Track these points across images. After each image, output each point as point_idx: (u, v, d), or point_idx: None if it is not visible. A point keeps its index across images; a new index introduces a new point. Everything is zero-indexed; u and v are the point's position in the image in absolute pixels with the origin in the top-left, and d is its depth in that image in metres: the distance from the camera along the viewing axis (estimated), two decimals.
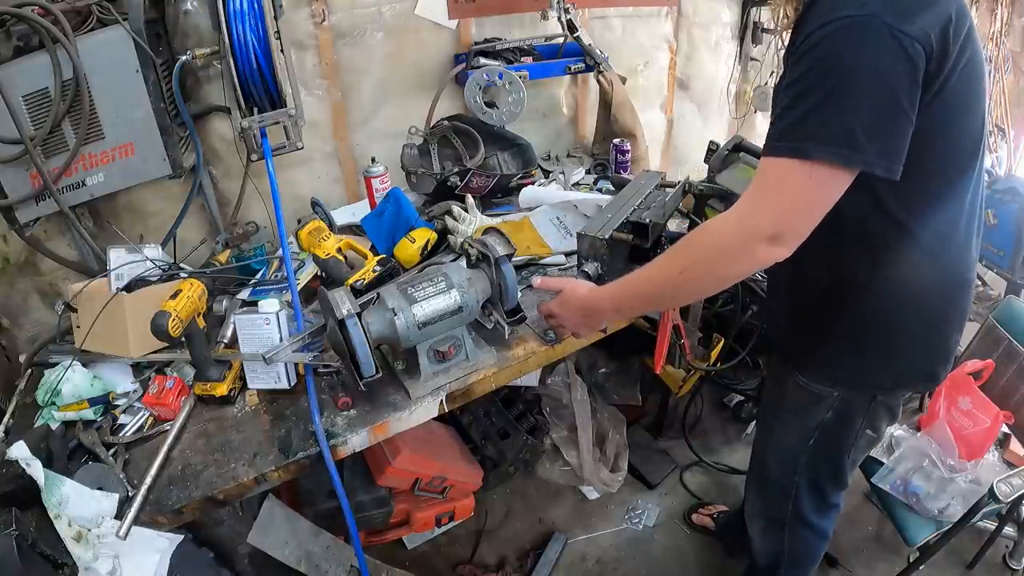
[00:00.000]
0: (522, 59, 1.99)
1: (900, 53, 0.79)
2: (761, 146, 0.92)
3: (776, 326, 1.28)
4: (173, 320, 1.11)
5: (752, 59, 2.64)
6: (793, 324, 1.20)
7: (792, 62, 0.87)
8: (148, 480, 1.07)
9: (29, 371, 1.40)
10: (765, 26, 2.57)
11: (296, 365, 1.24)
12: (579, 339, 1.20)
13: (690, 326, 2.02)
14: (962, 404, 1.60)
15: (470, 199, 1.71)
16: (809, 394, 1.18)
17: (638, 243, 1.25)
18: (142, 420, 1.21)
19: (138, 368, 1.34)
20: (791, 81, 0.86)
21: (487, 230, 1.50)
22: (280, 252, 1.45)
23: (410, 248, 1.54)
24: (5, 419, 1.28)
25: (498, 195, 1.86)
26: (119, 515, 1.02)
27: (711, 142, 1.62)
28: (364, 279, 1.43)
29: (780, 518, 1.41)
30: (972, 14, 0.93)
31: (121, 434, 1.19)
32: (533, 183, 1.90)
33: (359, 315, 1.09)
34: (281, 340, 1.20)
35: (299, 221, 1.48)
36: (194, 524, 1.17)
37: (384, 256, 1.52)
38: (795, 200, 0.86)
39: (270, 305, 1.22)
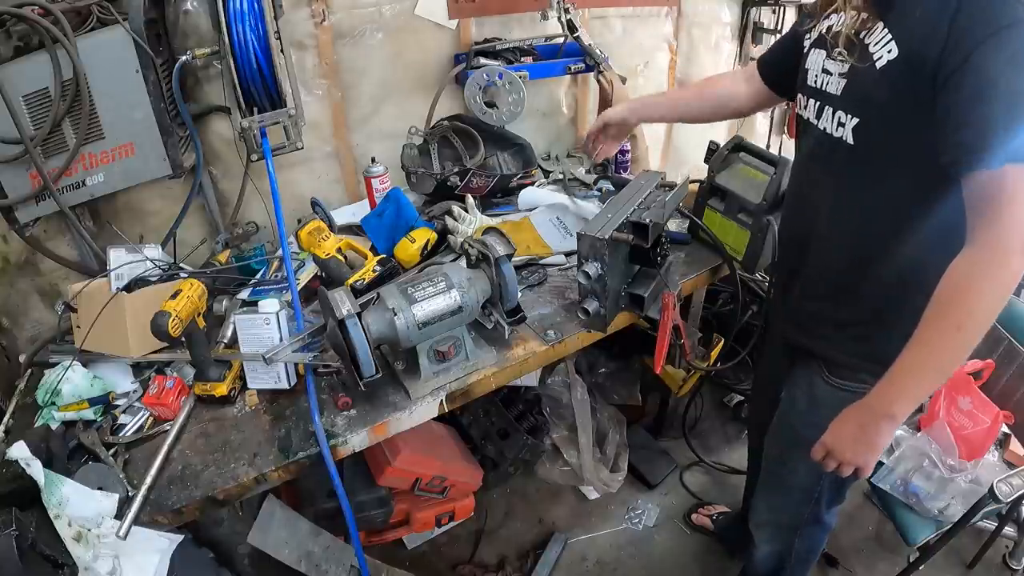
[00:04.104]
0: (522, 59, 1.99)
1: None
2: (761, 146, 0.90)
3: (811, 328, 1.23)
4: (173, 320, 1.11)
5: (752, 59, 2.64)
6: (845, 324, 1.17)
7: (973, 65, 0.86)
8: (148, 480, 1.07)
9: (29, 371, 1.40)
10: (765, 26, 2.57)
11: (296, 365, 1.24)
12: (863, 475, 1.09)
13: (690, 326, 2.02)
14: (962, 404, 1.60)
15: (470, 199, 1.71)
16: (845, 393, 1.15)
17: (638, 243, 1.25)
18: (142, 420, 1.21)
19: (138, 368, 1.34)
20: (984, 86, 0.85)
21: (487, 230, 1.50)
22: (280, 252, 1.45)
23: (410, 248, 1.54)
24: (5, 419, 1.28)
25: (498, 195, 1.86)
26: (119, 515, 1.02)
27: (711, 142, 1.61)
28: (364, 279, 1.43)
29: (794, 523, 1.41)
30: None
31: (121, 434, 1.19)
32: (533, 183, 1.90)
33: (359, 315, 1.09)
34: (281, 340, 1.20)
35: (299, 221, 1.48)
36: (194, 524, 1.17)
37: (384, 256, 1.53)
38: None
39: (270, 305, 1.22)
